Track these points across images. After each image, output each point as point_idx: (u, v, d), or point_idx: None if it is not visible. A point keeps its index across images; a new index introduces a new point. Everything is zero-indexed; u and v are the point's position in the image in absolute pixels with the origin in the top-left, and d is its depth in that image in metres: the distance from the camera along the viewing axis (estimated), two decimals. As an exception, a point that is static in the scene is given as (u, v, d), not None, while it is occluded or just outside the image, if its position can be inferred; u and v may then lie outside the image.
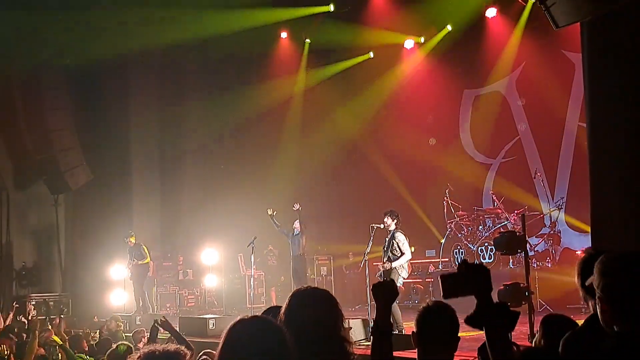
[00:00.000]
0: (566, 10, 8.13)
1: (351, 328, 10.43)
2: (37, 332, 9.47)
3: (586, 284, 2.81)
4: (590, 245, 9.16)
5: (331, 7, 18.92)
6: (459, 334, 3.58)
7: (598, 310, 2.56)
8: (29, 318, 13.80)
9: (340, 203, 20.98)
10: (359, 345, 10.60)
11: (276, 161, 21.59)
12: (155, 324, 6.89)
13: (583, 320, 3.32)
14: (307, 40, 20.57)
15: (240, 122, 21.45)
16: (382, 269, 11.50)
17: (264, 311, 3.79)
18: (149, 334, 7.54)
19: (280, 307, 3.45)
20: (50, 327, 11.06)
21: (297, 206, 15.63)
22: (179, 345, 3.40)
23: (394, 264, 11.24)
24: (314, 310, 3.20)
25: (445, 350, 3.51)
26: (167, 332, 6.95)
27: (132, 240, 17.44)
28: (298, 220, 15.68)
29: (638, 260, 2.52)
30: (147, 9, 18.04)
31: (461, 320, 3.51)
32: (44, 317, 13.93)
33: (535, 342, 4.07)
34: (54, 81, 20.01)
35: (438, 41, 19.16)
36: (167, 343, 4.74)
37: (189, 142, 22.48)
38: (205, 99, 21.96)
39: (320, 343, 3.13)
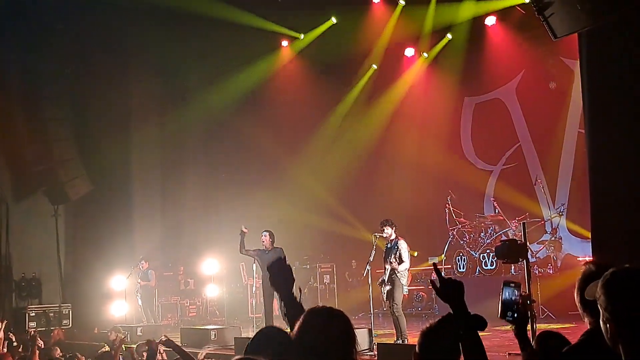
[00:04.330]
0: (564, 20, 8.16)
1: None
2: (36, 347, 9.40)
3: (586, 296, 2.81)
4: (591, 251, 9.17)
5: (333, 20, 19.17)
6: None
7: (603, 329, 2.56)
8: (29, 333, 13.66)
9: (343, 211, 20.93)
10: (363, 355, 10.61)
11: (278, 170, 21.59)
12: (156, 346, 6.75)
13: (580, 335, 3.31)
14: (302, 36, 20.55)
15: (244, 131, 21.41)
16: (384, 276, 11.60)
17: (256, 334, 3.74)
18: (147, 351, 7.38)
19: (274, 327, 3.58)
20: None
21: (245, 229, 14.02)
22: None
23: (400, 267, 11.44)
24: (329, 331, 3.14)
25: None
26: (172, 349, 6.80)
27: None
28: (267, 233, 13.88)
29: None
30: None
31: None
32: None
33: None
34: (54, 91, 20.00)
35: (439, 50, 19.26)
36: None
37: (190, 150, 22.47)
38: (208, 107, 21.96)
39: None
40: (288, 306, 3.77)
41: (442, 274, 3.29)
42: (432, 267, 3.55)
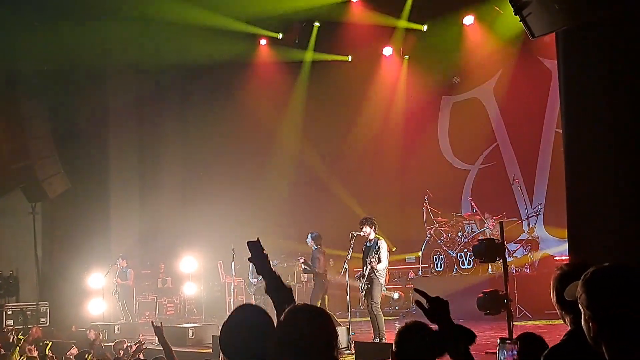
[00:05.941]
0: (542, 20, 8.22)
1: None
2: (17, 344, 9.35)
3: (566, 296, 2.82)
4: (567, 250, 9.25)
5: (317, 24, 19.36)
6: None
7: (585, 329, 2.56)
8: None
9: (320, 209, 20.93)
10: (341, 353, 10.64)
11: (256, 168, 21.54)
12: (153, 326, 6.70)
13: (557, 333, 3.33)
14: (280, 36, 20.53)
15: (221, 129, 21.35)
16: (364, 273, 11.60)
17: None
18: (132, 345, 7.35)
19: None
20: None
21: (301, 259, 14.65)
22: None
23: (378, 267, 11.39)
24: (310, 329, 3.14)
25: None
26: (157, 338, 6.77)
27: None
28: (310, 235, 14.16)
29: (625, 276, 2.52)
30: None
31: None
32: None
33: None
34: (32, 88, 19.83)
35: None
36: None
37: (168, 149, 22.37)
38: (185, 106, 21.88)
39: None
40: (267, 277, 3.92)
41: (427, 295, 3.28)
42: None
